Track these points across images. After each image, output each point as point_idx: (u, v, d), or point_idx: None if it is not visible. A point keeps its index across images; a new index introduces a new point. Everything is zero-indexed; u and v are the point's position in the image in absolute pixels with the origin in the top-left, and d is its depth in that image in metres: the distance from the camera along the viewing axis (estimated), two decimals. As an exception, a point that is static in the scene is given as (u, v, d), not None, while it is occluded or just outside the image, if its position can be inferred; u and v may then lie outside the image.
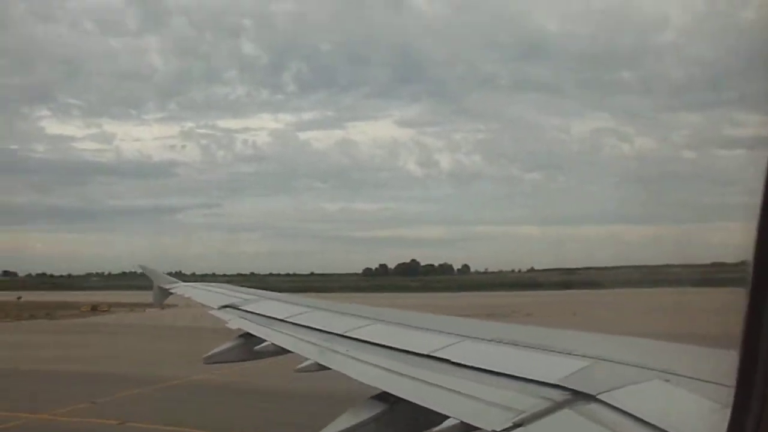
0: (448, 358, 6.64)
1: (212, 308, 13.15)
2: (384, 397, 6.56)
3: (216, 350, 11.02)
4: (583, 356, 5.63)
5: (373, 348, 7.80)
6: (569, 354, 5.82)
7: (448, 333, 7.53)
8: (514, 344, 6.68)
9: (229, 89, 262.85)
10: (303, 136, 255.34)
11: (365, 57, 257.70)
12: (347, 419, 6.50)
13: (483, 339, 7.17)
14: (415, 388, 6.30)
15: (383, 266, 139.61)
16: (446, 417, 5.35)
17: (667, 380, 4.72)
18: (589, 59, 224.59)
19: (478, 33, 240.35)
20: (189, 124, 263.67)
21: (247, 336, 10.62)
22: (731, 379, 4.32)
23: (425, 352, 6.95)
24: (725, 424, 3.54)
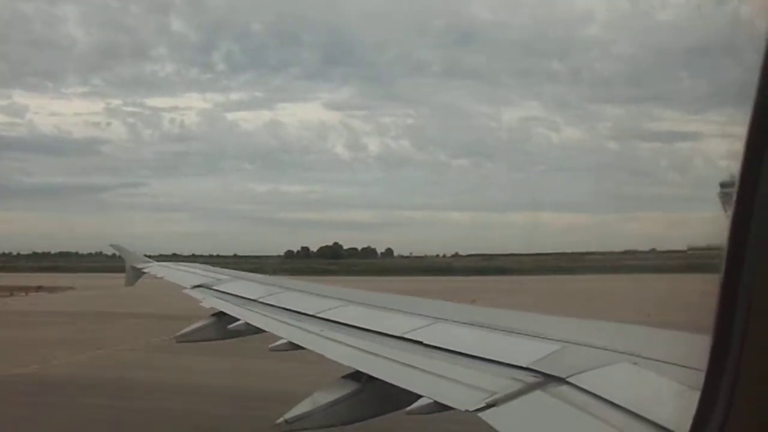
0: (420, 340, 6.75)
1: (185, 288, 13.34)
2: (356, 376, 6.67)
3: (188, 329, 11.10)
4: (554, 340, 5.74)
5: (346, 329, 7.91)
6: (540, 337, 5.94)
7: (421, 315, 7.65)
8: (487, 327, 6.81)
9: (157, 66, 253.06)
10: (231, 116, 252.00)
11: (296, 38, 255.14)
12: (320, 397, 6.63)
13: (455, 321, 7.30)
14: (388, 367, 6.42)
15: (305, 249, 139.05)
16: (418, 396, 5.46)
17: (635, 363, 4.84)
18: (520, 48, 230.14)
19: (411, 18, 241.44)
20: (116, 101, 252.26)
21: (221, 315, 10.71)
22: (700, 362, 4.21)
23: (398, 334, 7.08)
24: (693, 406, 3.60)
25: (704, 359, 4.08)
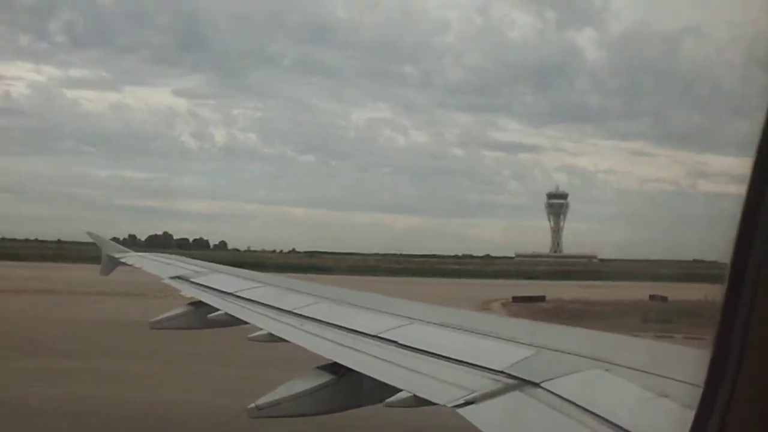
0: (395, 339, 6.72)
1: (162, 279, 13.29)
2: (331, 369, 6.66)
3: (165, 315, 10.96)
4: (529, 345, 5.74)
5: (323, 325, 7.91)
6: (515, 342, 5.93)
7: (397, 315, 7.67)
8: (462, 329, 6.84)
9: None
10: (71, 94, 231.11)
11: (147, 19, 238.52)
12: (294, 386, 6.59)
13: (431, 323, 7.28)
14: (367, 361, 6.42)
15: (132, 237, 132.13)
16: (394, 391, 5.48)
17: (607, 370, 4.86)
18: (374, 49, 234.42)
19: (265, 9, 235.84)
20: None
21: (198, 304, 10.64)
22: (670, 370, 4.43)
23: (373, 333, 7.06)
24: (661, 413, 3.94)
25: (682, 369, 4.25)
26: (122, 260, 17.66)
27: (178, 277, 12.88)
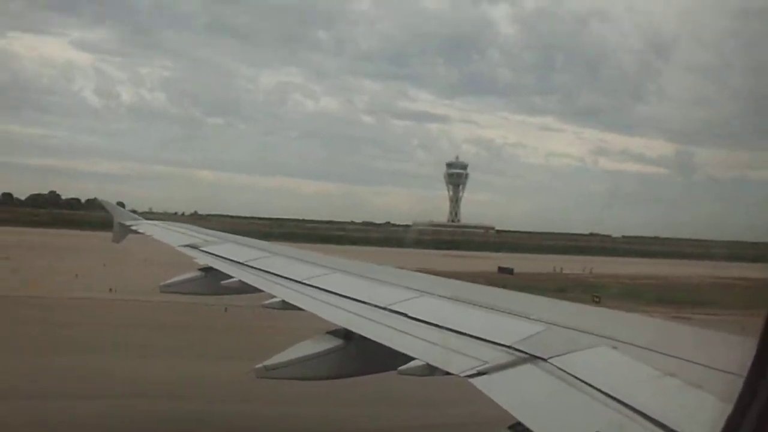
0: (405, 312, 6.70)
1: (173, 247, 13.39)
2: (340, 334, 6.71)
3: (174, 279, 10.96)
4: (538, 320, 5.73)
5: (335, 296, 7.97)
6: (525, 317, 5.92)
7: (407, 287, 7.69)
8: (472, 304, 6.77)
9: None
10: None
11: None
12: (303, 348, 6.65)
13: (441, 296, 7.27)
14: (379, 330, 6.42)
15: (8, 195, 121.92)
16: (403, 360, 5.53)
17: (615, 347, 4.85)
18: (288, 13, 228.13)
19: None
20: None
21: (209, 270, 10.67)
22: (677, 349, 4.54)
23: (383, 305, 7.05)
24: (668, 391, 3.98)
25: (691, 348, 4.42)
26: (133, 228, 17.56)
27: (190, 246, 12.94)
